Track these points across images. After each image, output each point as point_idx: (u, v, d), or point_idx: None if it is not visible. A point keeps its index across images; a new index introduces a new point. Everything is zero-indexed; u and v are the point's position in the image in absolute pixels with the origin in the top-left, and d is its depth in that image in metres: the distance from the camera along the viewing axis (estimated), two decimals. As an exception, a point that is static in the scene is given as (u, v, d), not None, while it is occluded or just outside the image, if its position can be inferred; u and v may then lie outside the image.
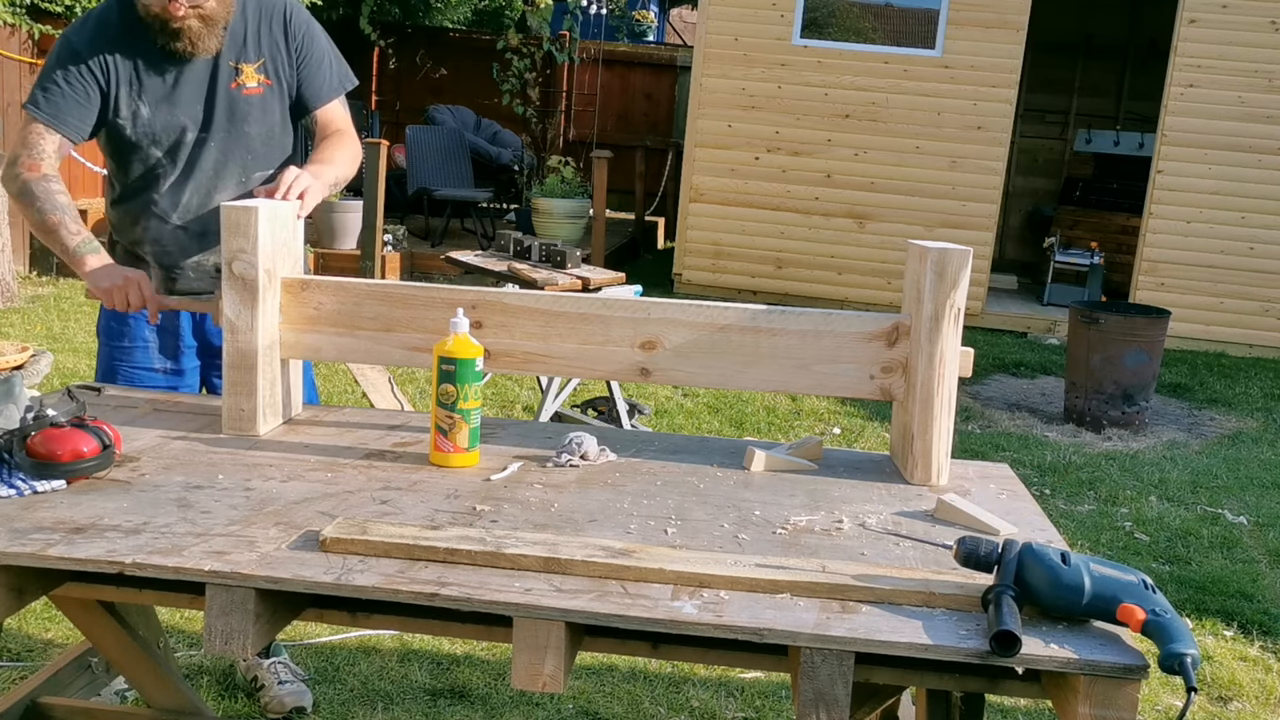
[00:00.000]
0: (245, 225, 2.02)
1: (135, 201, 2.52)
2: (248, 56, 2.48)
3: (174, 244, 2.52)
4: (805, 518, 1.83)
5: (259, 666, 2.86)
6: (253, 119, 2.51)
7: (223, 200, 2.44)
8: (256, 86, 2.48)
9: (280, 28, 2.51)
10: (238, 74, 2.47)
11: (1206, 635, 3.58)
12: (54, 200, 2.39)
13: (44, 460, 1.76)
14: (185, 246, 2.52)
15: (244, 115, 2.49)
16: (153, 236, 2.52)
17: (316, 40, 2.57)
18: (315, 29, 2.58)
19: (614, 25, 12.81)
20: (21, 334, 6.42)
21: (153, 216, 2.51)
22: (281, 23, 2.51)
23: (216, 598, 1.50)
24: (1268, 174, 8.30)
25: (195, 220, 2.51)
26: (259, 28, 2.49)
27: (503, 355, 2.11)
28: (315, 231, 8.72)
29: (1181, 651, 1.38)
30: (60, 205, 2.39)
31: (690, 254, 9.05)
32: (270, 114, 2.53)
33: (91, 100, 2.40)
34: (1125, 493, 4.96)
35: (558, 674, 1.47)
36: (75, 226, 2.39)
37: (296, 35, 2.52)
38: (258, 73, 2.48)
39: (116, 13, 2.42)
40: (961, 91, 8.53)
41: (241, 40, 2.47)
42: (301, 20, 2.54)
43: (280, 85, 2.53)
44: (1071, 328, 6.16)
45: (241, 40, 2.47)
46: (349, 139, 2.58)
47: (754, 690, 3.07)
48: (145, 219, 2.51)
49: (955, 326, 1.98)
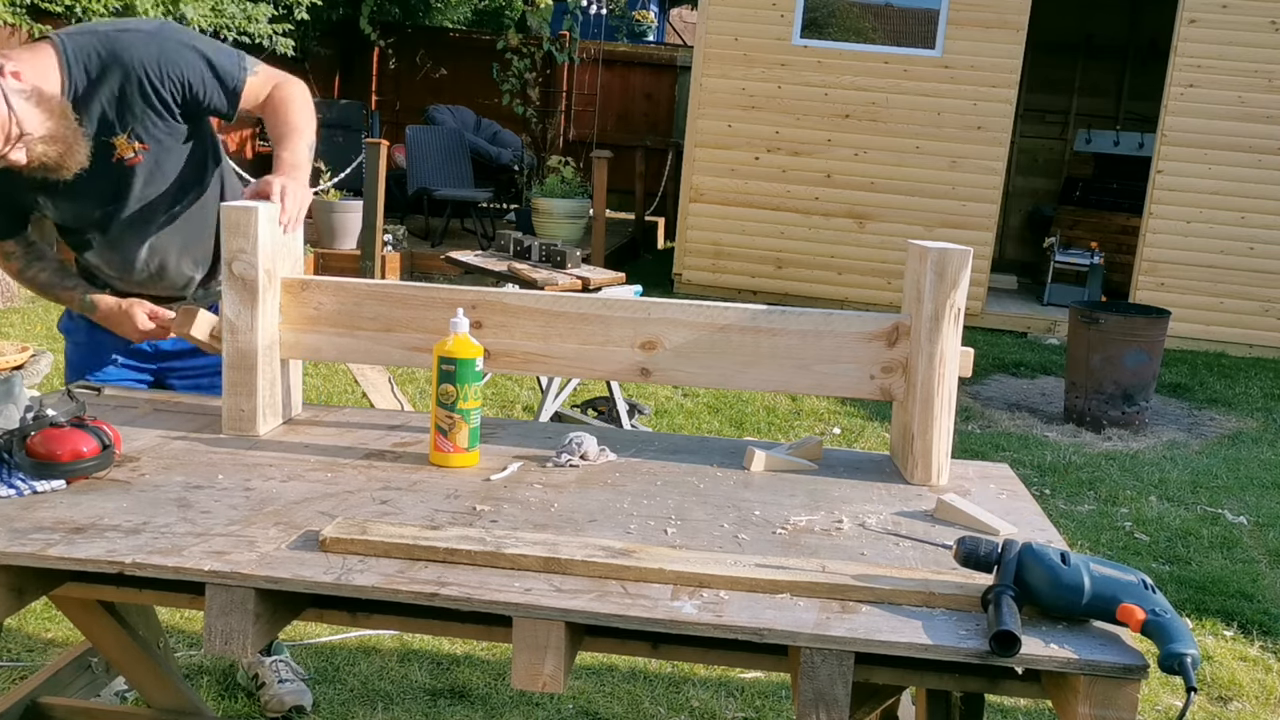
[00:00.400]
0: (245, 225, 2.02)
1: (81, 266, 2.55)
2: (112, 131, 2.29)
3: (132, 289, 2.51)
4: (805, 518, 1.83)
5: (260, 664, 2.87)
6: (144, 183, 2.37)
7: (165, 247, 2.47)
8: (135, 155, 2.33)
9: (135, 88, 2.27)
10: (113, 149, 2.31)
11: (1206, 635, 3.58)
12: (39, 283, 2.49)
13: (44, 460, 1.76)
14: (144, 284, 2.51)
15: (137, 183, 2.37)
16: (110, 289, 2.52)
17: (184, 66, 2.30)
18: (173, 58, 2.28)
19: (614, 25, 12.82)
20: (21, 334, 6.42)
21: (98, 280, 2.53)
22: (136, 82, 2.26)
23: (216, 598, 1.50)
24: (1268, 174, 8.31)
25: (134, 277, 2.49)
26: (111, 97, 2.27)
27: (503, 355, 2.11)
28: (315, 231, 8.72)
29: (1181, 651, 1.38)
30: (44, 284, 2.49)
31: (690, 254, 9.05)
32: (163, 170, 2.38)
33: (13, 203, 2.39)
34: (1125, 493, 4.96)
35: (558, 674, 1.47)
36: (67, 295, 2.49)
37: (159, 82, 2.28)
38: (130, 141, 2.31)
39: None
40: (961, 91, 8.53)
41: (98, 118, 2.27)
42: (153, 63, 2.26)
43: (161, 142, 2.35)
44: (1071, 328, 6.16)
45: (98, 118, 2.27)
46: (289, 96, 2.40)
47: (754, 690, 3.07)
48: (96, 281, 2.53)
49: (955, 326, 1.98)
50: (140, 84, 2.26)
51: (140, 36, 2.28)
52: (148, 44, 2.27)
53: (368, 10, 12.00)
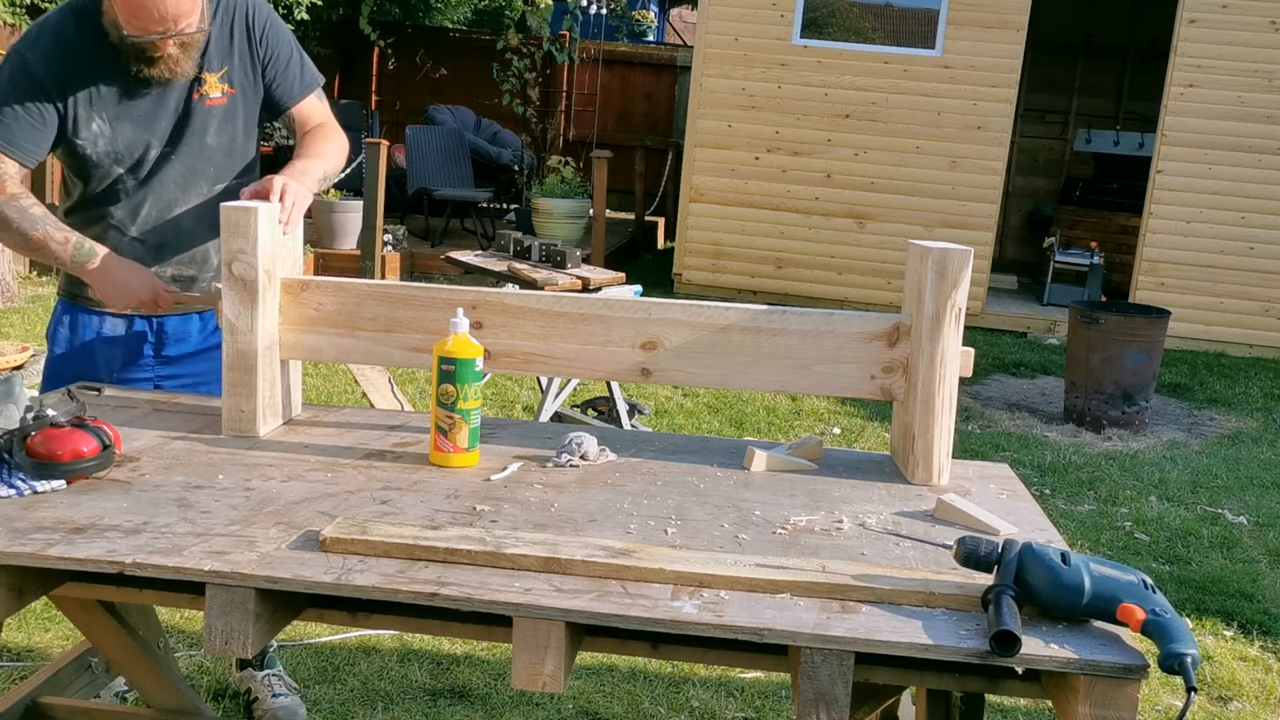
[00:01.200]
0: (245, 226, 2.02)
1: (92, 212, 2.41)
2: (210, 65, 2.35)
3: (130, 255, 2.38)
4: (805, 518, 1.83)
5: (252, 679, 2.82)
6: (214, 130, 2.40)
7: (182, 212, 2.42)
8: (220, 97, 2.37)
9: (243, 31, 2.38)
10: (201, 84, 2.35)
11: (1206, 635, 3.58)
12: (29, 215, 2.27)
13: (44, 460, 1.76)
14: (141, 258, 2.39)
15: (206, 126, 2.39)
16: (110, 247, 2.36)
17: (282, 39, 2.45)
18: (279, 27, 2.45)
19: (614, 25, 12.81)
20: (21, 334, 6.42)
21: (110, 228, 2.39)
22: (244, 26, 2.38)
23: (216, 598, 1.50)
24: (1268, 174, 8.31)
25: (153, 232, 2.41)
26: (221, 32, 2.36)
27: (503, 355, 2.11)
28: (315, 231, 8.72)
29: (1181, 651, 1.38)
30: (36, 218, 2.27)
31: (690, 254, 9.05)
32: (233, 123, 2.43)
33: (47, 124, 2.27)
34: (1125, 493, 4.96)
35: (558, 674, 1.47)
36: (60, 235, 2.29)
37: (261, 37, 2.40)
38: (221, 82, 2.37)
39: (74, 28, 2.27)
40: (961, 91, 8.53)
41: (208, 50, 2.34)
42: (263, 19, 2.41)
43: (244, 93, 2.41)
44: (1071, 328, 6.16)
45: (208, 50, 2.34)
46: (332, 131, 2.51)
47: (754, 690, 3.07)
48: (102, 230, 2.39)
49: (956, 326, 1.98)
50: (248, 29, 2.39)
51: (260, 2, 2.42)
52: (263, 7, 2.42)
53: (368, 10, 11.99)
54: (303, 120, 2.50)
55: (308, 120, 2.50)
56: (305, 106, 2.50)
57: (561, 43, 11.23)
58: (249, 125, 2.48)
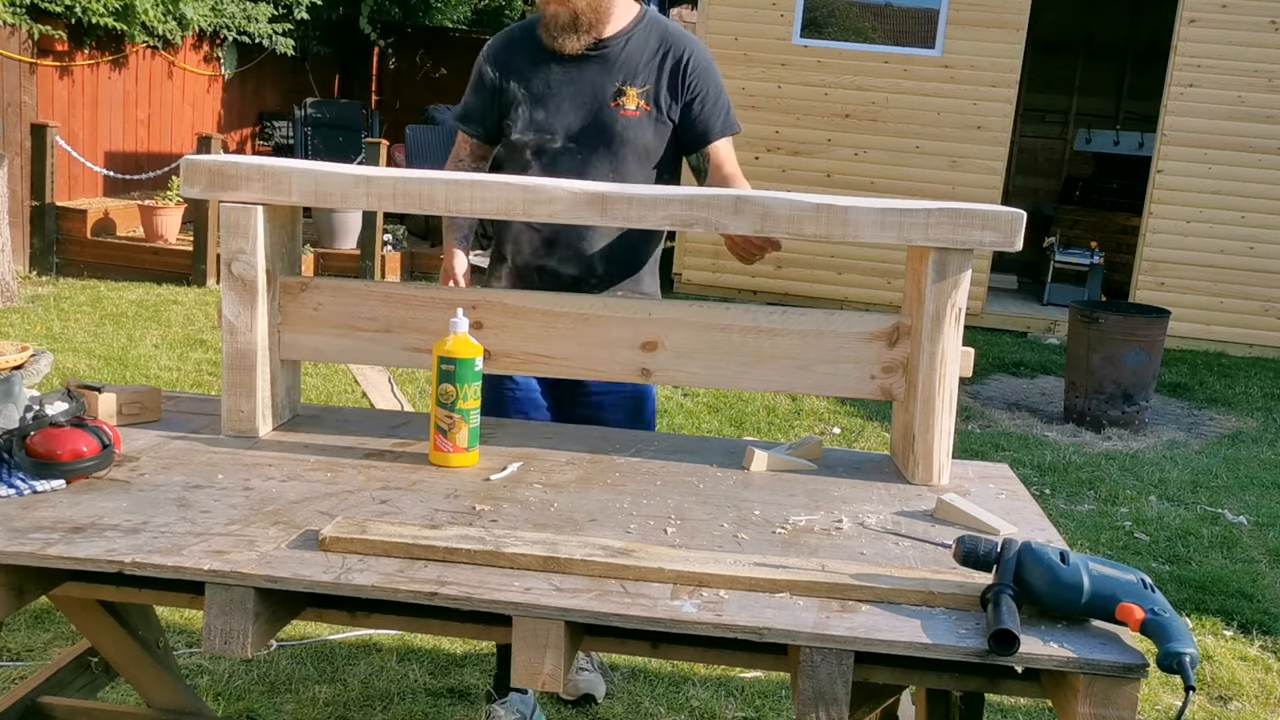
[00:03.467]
0: (245, 226, 2.02)
1: None
2: (635, 81, 2.55)
3: (528, 246, 2.59)
4: (805, 517, 1.83)
5: None
6: (622, 139, 2.54)
7: None
8: (634, 110, 2.54)
9: (675, 62, 2.56)
10: (621, 95, 2.54)
11: (1206, 635, 3.58)
12: None
13: (43, 460, 1.76)
14: (536, 249, 2.58)
15: (615, 134, 2.54)
16: (513, 235, 2.61)
17: (712, 80, 2.60)
18: (712, 72, 2.61)
19: (614, 25, 12.79)
20: (21, 334, 6.42)
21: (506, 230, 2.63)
22: (679, 59, 2.56)
23: (216, 597, 1.50)
24: (1268, 174, 8.31)
25: (548, 226, 2.53)
26: (655, 59, 2.56)
27: (503, 355, 2.11)
28: (315, 231, 8.72)
29: (1180, 650, 1.38)
30: None
31: (690, 254, 9.05)
32: (642, 137, 2.56)
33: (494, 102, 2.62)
34: (1125, 492, 4.96)
35: (557, 673, 1.47)
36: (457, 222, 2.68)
37: (691, 72, 2.57)
38: (639, 97, 2.55)
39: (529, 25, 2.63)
40: (961, 91, 8.53)
41: (635, 66, 2.55)
42: (700, 61, 2.59)
43: (661, 114, 2.56)
44: (1071, 327, 6.16)
45: (635, 66, 2.55)
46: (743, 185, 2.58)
47: (754, 690, 3.07)
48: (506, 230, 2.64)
49: (956, 326, 1.98)
50: (678, 64, 2.57)
51: (700, 42, 2.66)
52: (704, 51, 2.63)
53: (368, 10, 12.00)
54: (716, 164, 2.62)
55: (722, 162, 2.62)
56: (722, 146, 2.62)
57: (561, 43, 11.21)
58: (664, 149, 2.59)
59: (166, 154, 9.60)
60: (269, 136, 11.08)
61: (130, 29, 8.56)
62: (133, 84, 9.18)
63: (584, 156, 2.55)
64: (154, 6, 8.68)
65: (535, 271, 2.59)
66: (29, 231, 8.10)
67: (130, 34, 8.64)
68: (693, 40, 2.63)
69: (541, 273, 2.58)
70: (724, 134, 2.62)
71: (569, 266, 2.58)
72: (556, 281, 2.56)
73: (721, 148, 2.62)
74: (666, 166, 2.62)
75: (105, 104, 8.87)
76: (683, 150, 2.63)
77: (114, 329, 6.64)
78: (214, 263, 7.92)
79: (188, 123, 9.97)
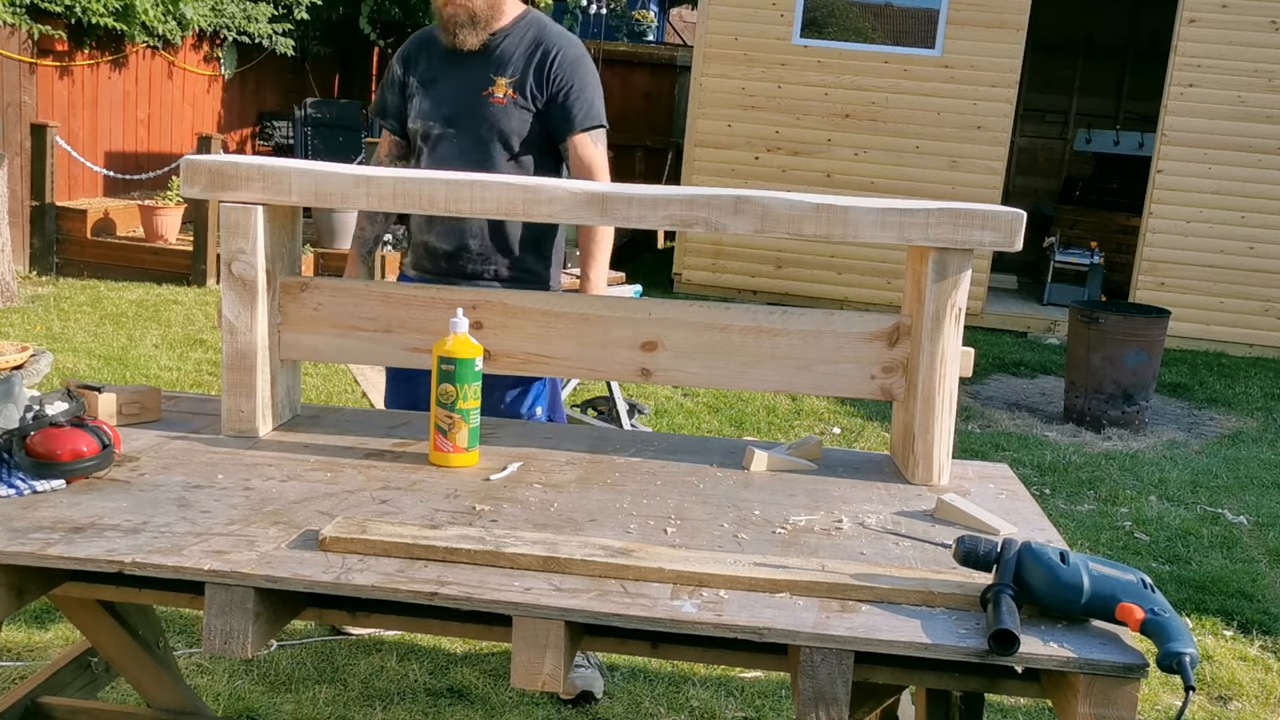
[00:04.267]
0: (245, 226, 2.02)
1: None
2: (505, 72, 2.77)
3: (416, 222, 2.86)
4: (805, 517, 1.83)
5: None
6: (490, 125, 2.75)
7: None
8: (502, 98, 2.75)
9: (544, 56, 2.76)
10: (491, 84, 2.76)
11: (1206, 635, 3.58)
12: None
13: (43, 460, 1.76)
14: (421, 225, 2.85)
15: (483, 119, 2.75)
16: None
17: (579, 76, 2.78)
18: (580, 68, 2.79)
19: (614, 25, 12.82)
20: (21, 334, 6.42)
21: None
22: (548, 53, 2.76)
23: (216, 597, 1.50)
24: (1268, 174, 8.31)
25: None
26: (527, 52, 2.77)
27: (503, 355, 2.11)
28: (315, 231, 8.72)
29: (1180, 650, 1.38)
30: None
31: (690, 254, 9.05)
32: (508, 124, 2.76)
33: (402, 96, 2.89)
34: (1125, 492, 4.96)
35: (557, 673, 1.47)
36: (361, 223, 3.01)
37: (557, 66, 2.76)
38: (508, 86, 2.75)
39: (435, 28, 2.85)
40: (961, 91, 8.53)
41: (508, 59, 2.77)
42: (568, 57, 2.78)
43: (526, 101, 2.76)
44: (1071, 327, 6.16)
45: (508, 59, 2.77)
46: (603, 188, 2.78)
47: (754, 690, 3.07)
48: None
49: (956, 326, 1.98)
50: (546, 57, 2.76)
51: (575, 41, 2.84)
52: (575, 49, 2.82)
53: (367, 10, 11.99)
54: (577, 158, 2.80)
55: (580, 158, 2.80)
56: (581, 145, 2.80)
57: (561, 43, 11.21)
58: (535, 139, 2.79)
59: (166, 154, 9.59)
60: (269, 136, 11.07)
61: (130, 29, 8.56)
62: (133, 84, 9.18)
63: (460, 142, 2.78)
64: (154, 6, 8.68)
65: (422, 247, 2.85)
66: (29, 231, 8.10)
67: (130, 34, 8.64)
68: (568, 39, 2.82)
69: (425, 248, 2.82)
70: (583, 126, 2.80)
71: (445, 241, 2.81)
72: (435, 256, 2.83)
73: (582, 139, 2.80)
74: (541, 152, 2.82)
75: (105, 104, 8.87)
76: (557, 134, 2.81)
77: (114, 329, 6.63)
78: (214, 263, 7.92)
79: (188, 123, 9.97)
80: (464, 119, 2.78)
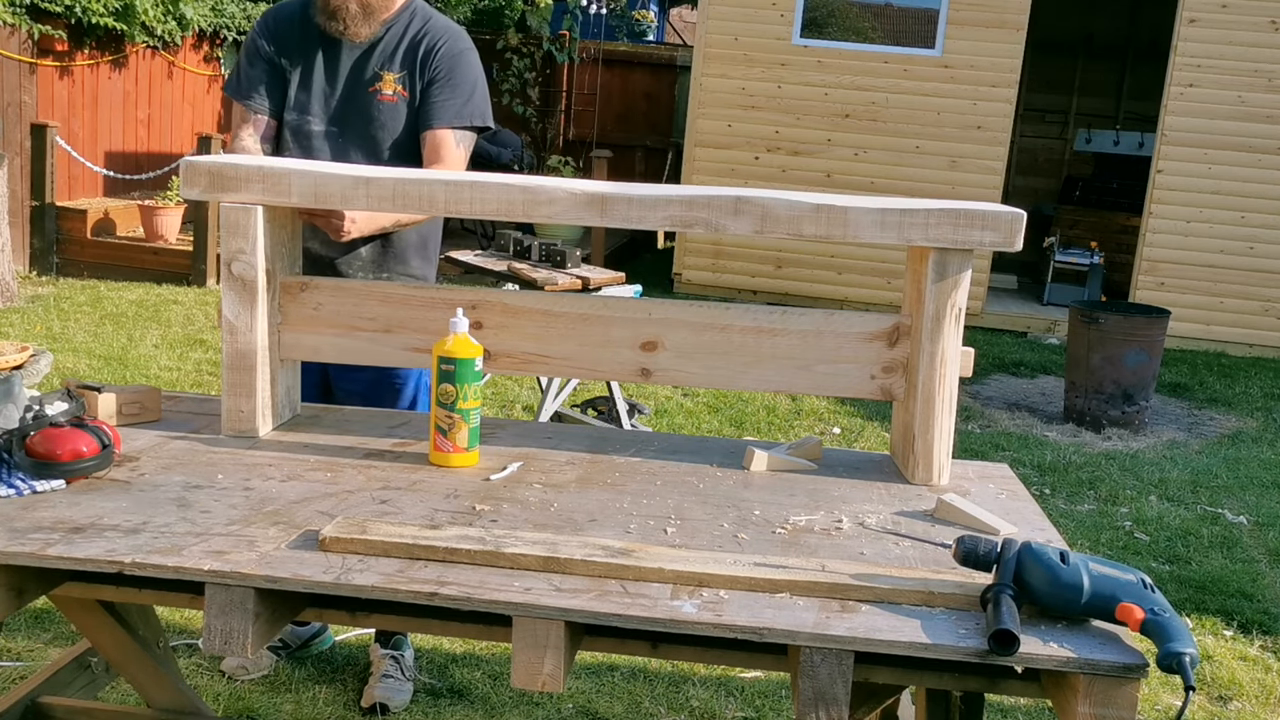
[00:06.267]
0: (244, 226, 2.02)
1: None
2: (392, 66, 2.61)
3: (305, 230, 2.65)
4: (805, 517, 1.83)
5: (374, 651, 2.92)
6: (380, 124, 2.60)
7: None
8: (391, 95, 2.60)
9: (428, 49, 2.60)
10: (378, 80, 2.60)
11: (1206, 635, 3.58)
12: None
13: (43, 460, 1.76)
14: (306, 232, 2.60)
15: (372, 118, 2.60)
16: None
17: (458, 71, 2.62)
18: (461, 63, 2.63)
19: (614, 25, 12.81)
20: (21, 334, 6.42)
21: None
22: (430, 45, 2.61)
23: (216, 597, 1.50)
24: (1268, 174, 8.31)
25: None
26: (413, 46, 2.61)
27: (503, 355, 2.11)
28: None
29: (1180, 650, 1.38)
30: None
31: (690, 254, 9.05)
32: (398, 123, 2.61)
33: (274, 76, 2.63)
34: (1125, 492, 4.96)
35: (557, 673, 1.47)
36: None
37: (437, 56, 2.60)
38: (396, 82, 2.60)
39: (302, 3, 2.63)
40: (961, 91, 8.53)
41: (392, 52, 2.61)
42: (450, 50, 2.62)
43: (414, 100, 2.61)
44: (1071, 327, 6.16)
45: (392, 52, 2.61)
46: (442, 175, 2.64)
47: (754, 690, 3.07)
48: None
49: (956, 326, 1.98)
50: (429, 50, 2.60)
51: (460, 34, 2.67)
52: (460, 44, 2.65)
53: (367, 10, 11.96)
54: (430, 149, 2.60)
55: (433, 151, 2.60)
56: (437, 136, 2.59)
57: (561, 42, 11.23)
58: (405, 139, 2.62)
59: (166, 154, 9.59)
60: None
61: (130, 29, 8.56)
62: (133, 84, 9.18)
63: (343, 141, 2.62)
64: (154, 6, 8.68)
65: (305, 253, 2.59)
66: (29, 231, 8.10)
67: (130, 34, 8.64)
68: (453, 32, 2.66)
69: (308, 255, 2.59)
70: (451, 124, 2.60)
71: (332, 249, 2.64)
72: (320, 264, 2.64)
73: (442, 135, 2.60)
74: None
75: (105, 104, 8.87)
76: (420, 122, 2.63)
77: (114, 329, 6.63)
78: (214, 263, 7.92)
79: (188, 123, 9.97)
80: (351, 116, 2.61)
